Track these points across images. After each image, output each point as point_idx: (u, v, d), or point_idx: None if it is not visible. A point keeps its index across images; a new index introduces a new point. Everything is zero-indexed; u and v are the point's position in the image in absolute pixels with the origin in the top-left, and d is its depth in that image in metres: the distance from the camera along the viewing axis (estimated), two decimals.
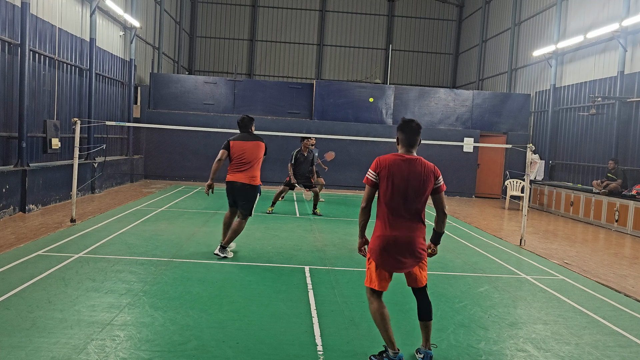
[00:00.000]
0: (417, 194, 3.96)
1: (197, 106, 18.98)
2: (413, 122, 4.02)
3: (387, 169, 3.94)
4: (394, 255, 3.98)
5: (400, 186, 3.92)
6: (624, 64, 13.67)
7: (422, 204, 4.03)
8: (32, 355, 3.88)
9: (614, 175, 12.92)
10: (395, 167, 3.94)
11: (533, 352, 4.51)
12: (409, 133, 4.00)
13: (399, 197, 3.94)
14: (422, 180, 3.95)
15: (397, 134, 4.09)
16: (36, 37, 11.21)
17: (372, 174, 3.99)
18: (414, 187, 3.94)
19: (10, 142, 10.47)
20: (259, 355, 4.13)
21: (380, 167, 3.96)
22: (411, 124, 4.02)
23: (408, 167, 3.95)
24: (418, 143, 4.05)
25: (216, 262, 7.01)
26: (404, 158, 3.98)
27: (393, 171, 3.93)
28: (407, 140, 4.01)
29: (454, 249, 8.89)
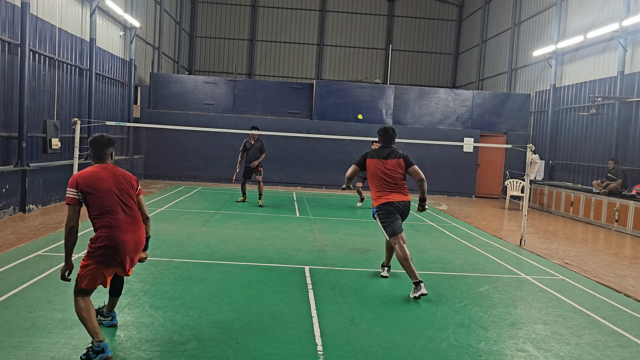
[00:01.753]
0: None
1: (197, 106, 18.98)
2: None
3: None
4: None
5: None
6: (624, 64, 13.67)
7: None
8: (32, 355, 3.88)
9: (614, 175, 12.92)
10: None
11: (533, 352, 4.51)
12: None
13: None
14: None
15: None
16: (36, 37, 11.21)
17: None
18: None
19: (10, 142, 10.47)
20: (259, 355, 4.13)
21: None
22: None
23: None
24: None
25: (216, 262, 7.01)
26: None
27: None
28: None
29: (454, 249, 8.89)
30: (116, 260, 3.96)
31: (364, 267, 7.23)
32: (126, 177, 4.19)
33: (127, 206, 4.06)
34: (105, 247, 3.91)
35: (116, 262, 3.98)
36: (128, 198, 4.10)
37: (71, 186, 3.92)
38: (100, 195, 3.95)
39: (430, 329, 4.91)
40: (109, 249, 3.92)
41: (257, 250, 7.84)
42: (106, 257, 3.93)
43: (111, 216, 3.96)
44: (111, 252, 3.93)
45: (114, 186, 4.03)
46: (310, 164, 18.49)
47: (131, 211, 4.08)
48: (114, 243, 3.92)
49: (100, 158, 4.14)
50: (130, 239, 4.00)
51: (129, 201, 4.09)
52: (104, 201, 3.96)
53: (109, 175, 4.06)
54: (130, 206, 4.09)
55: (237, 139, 17.43)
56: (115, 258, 3.95)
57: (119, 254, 3.95)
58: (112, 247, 3.92)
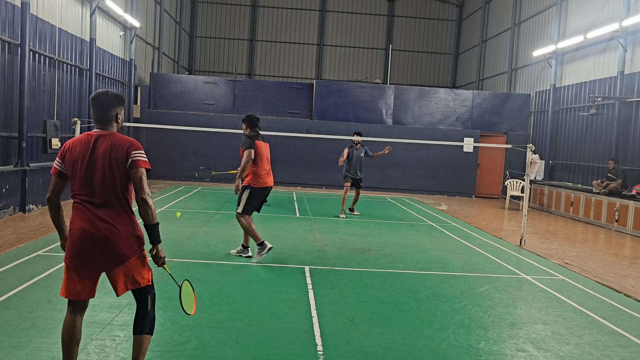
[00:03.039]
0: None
1: (197, 106, 18.98)
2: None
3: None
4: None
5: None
6: (624, 64, 13.67)
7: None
8: (32, 355, 3.88)
9: (614, 175, 12.92)
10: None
11: (533, 352, 4.51)
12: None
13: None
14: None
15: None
16: (36, 37, 11.20)
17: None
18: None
19: (10, 142, 10.47)
20: (259, 355, 4.13)
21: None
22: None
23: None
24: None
25: (216, 262, 7.01)
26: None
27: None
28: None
29: (454, 249, 8.89)
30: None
31: (364, 267, 7.23)
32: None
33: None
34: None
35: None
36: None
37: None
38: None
39: (430, 329, 4.91)
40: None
41: None
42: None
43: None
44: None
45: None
46: (310, 164, 18.48)
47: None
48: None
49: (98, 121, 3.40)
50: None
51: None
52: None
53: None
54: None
55: (237, 139, 17.41)
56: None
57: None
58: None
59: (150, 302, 3.37)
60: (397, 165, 18.58)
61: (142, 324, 3.35)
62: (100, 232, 3.18)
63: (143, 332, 3.35)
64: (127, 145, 3.26)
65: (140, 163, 3.26)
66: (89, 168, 3.23)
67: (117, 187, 3.24)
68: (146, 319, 3.36)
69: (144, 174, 3.28)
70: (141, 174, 3.26)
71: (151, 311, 3.37)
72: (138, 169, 3.25)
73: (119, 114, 3.44)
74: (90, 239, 3.18)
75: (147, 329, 3.36)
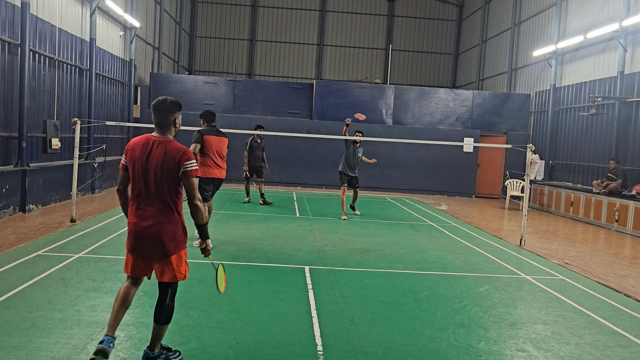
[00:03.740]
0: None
1: (197, 106, 18.96)
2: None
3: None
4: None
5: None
6: (624, 64, 13.67)
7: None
8: (32, 355, 3.88)
9: (614, 175, 12.92)
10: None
11: (533, 352, 4.51)
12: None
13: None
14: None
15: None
16: (36, 37, 11.20)
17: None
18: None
19: (10, 142, 10.47)
20: (259, 355, 4.13)
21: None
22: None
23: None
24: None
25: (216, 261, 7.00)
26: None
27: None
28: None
29: (454, 249, 8.89)
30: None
31: (364, 267, 7.23)
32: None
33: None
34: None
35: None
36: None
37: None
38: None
39: (430, 329, 4.91)
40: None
41: (257, 250, 7.84)
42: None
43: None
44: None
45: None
46: (310, 164, 18.48)
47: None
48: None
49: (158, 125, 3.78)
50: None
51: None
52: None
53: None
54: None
55: (237, 138, 17.37)
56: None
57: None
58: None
59: (169, 296, 3.74)
60: (397, 165, 18.58)
61: (159, 314, 3.74)
62: (148, 229, 3.62)
63: (159, 322, 3.75)
64: (180, 155, 3.65)
65: (192, 173, 3.67)
66: (144, 170, 3.64)
67: (167, 190, 3.65)
68: (163, 310, 3.73)
69: (195, 182, 3.70)
70: (192, 183, 3.68)
71: (169, 304, 3.75)
72: (190, 178, 3.67)
73: (177, 119, 3.84)
74: (141, 234, 3.63)
75: (163, 320, 3.74)
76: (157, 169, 3.62)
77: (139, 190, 3.66)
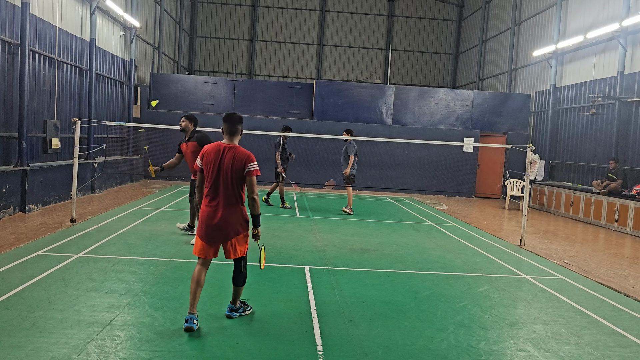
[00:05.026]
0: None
1: (197, 106, 18.97)
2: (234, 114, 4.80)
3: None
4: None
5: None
6: (624, 64, 13.67)
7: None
8: (32, 355, 3.88)
9: (614, 175, 12.92)
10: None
11: (533, 352, 4.51)
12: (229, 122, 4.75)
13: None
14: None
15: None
16: (36, 37, 11.20)
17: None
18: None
19: (10, 142, 10.47)
20: (259, 355, 4.13)
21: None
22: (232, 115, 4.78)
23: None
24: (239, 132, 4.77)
25: (216, 262, 6.99)
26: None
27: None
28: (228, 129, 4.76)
29: (454, 249, 8.89)
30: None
31: (364, 267, 7.23)
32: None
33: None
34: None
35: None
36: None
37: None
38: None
39: (430, 329, 4.91)
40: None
41: (257, 251, 7.82)
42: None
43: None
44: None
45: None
46: (310, 164, 18.46)
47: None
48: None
49: (227, 133, 4.71)
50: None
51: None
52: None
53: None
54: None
55: None
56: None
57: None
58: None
59: (243, 265, 4.84)
60: (397, 165, 18.58)
61: (237, 279, 4.85)
62: (220, 218, 4.57)
63: (238, 284, 4.86)
64: (245, 159, 4.58)
65: (253, 172, 4.60)
66: (217, 171, 4.57)
67: (234, 187, 4.59)
68: (240, 276, 4.84)
69: (255, 180, 4.63)
70: (253, 181, 4.61)
71: (244, 271, 4.85)
72: (251, 177, 4.60)
73: (242, 129, 4.80)
74: (213, 223, 4.58)
75: (241, 282, 4.86)
76: (227, 170, 4.55)
77: (213, 187, 4.59)
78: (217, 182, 4.58)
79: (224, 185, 4.56)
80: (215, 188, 4.59)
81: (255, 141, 15.34)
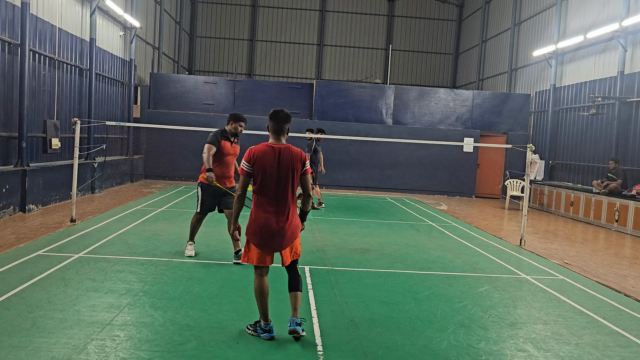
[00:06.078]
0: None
1: (197, 106, 18.98)
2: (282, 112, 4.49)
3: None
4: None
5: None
6: (624, 64, 13.67)
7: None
8: (32, 355, 3.87)
9: (615, 175, 12.92)
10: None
11: (533, 352, 4.51)
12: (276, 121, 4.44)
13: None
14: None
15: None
16: (36, 37, 11.20)
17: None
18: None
19: (10, 142, 10.47)
20: (259, 355, 4.13)
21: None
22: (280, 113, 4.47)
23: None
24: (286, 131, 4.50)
25: (216, 262, 7.01)
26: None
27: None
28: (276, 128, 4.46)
29: (454, 249, 8.89)
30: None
31: (364, 267, 7.23)
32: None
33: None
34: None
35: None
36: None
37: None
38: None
39: (430, 329, 4.91)
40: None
41: None
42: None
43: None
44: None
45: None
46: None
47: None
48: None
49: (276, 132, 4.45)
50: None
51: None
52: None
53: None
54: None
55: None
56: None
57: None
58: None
59: (298, 268, 4.59)
60: (397, 165, 18.58)
61: (297, 284, 4.53)
62: (279, 225, 4.34)
63: (298, 289, 4.53)
64: (300, 157, 4.43)
65: (308, 171, 4.48)
66: (276, 173, 4.32)
67: (292, 187, 4.40)
68: (299, 279, 4.55)
69: (310, 178, 4.53)
70: (308, 178, 4.50)
71: (299, 274, 4.58)
72: (307, 175, 4.48)
73: (289, 127, 4.51)
74: (270, 230, 4.33)
75: (300, 287, 4.55)
76: (287, 172, 4.35)
77: (270, 191, 4.34)
78: (276, 186, 4.33)
79: (283, 189, 4.34)
80: (273, 192, 4.33)
81: (255, 141, 15.30)
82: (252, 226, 4.38)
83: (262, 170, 4.31)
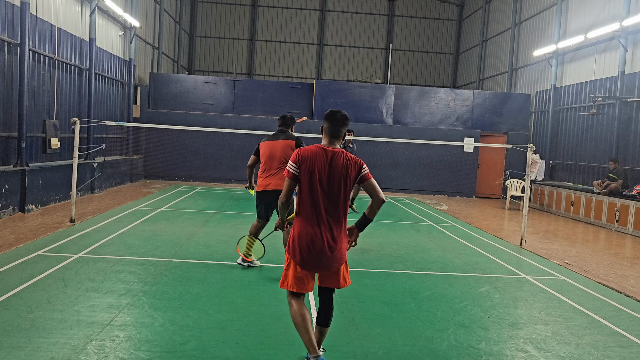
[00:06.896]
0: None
1: (196, 106, 18.96)
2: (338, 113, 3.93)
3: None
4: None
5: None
6: (625, 64, 13.66)
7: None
8: (32, 355, 3.86)
9: (615, 175, 12.91)
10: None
11: (533, 352, 4.50)
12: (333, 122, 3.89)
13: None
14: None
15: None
16: (36, 37, 11.19)
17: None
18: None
19: (10, 142, 10.46)
20: (259, 355, 4.12)
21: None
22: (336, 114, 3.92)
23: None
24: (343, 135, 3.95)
25: (216, 262, 6.99)
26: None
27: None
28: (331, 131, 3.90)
29: (454, 249, 8.88)
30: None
31: (364, 267, 7.22)
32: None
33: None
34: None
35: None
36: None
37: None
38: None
39: (430, 329, 4.90)
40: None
41: (257, 250, 7.81)
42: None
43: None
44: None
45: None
46: None
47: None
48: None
49: (332, 135, 3.88)
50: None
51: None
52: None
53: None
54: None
55: (237, 138, 17.41)
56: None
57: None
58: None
59: (333, 300, 3.95)
60: (397, 165, 18.57)
61: (328, 319, 3.91)
62: (328, 241, 3.71)
63: (328, 325, 3.92)
64: (355, 163, 3.80)
65: (369, 175, 3.83)
66: (326, 179, 3.73)
67: (344, 197, 3.77)
68: (331, 313, 3.92)
69: (375, 182, 3.83)
70: (373, 182, 3.81)
71: (332, 307, 3.94)
72: (370, 179, 3.81)
73: (345, 132, 3.96)
74: (317, 246, 3.68)
75: (330, 322, 3.93)
76: (340, 178, 3.73)
77: (318, 201, 3.72)
78: (325, 194, 3.72)
79: (334, 199, 3.72)
80: (322, 202, 3.71)
81: (256, 141, 15.32)
82: (296, 241, 3.74)
83: (310, 173, 3.72)
